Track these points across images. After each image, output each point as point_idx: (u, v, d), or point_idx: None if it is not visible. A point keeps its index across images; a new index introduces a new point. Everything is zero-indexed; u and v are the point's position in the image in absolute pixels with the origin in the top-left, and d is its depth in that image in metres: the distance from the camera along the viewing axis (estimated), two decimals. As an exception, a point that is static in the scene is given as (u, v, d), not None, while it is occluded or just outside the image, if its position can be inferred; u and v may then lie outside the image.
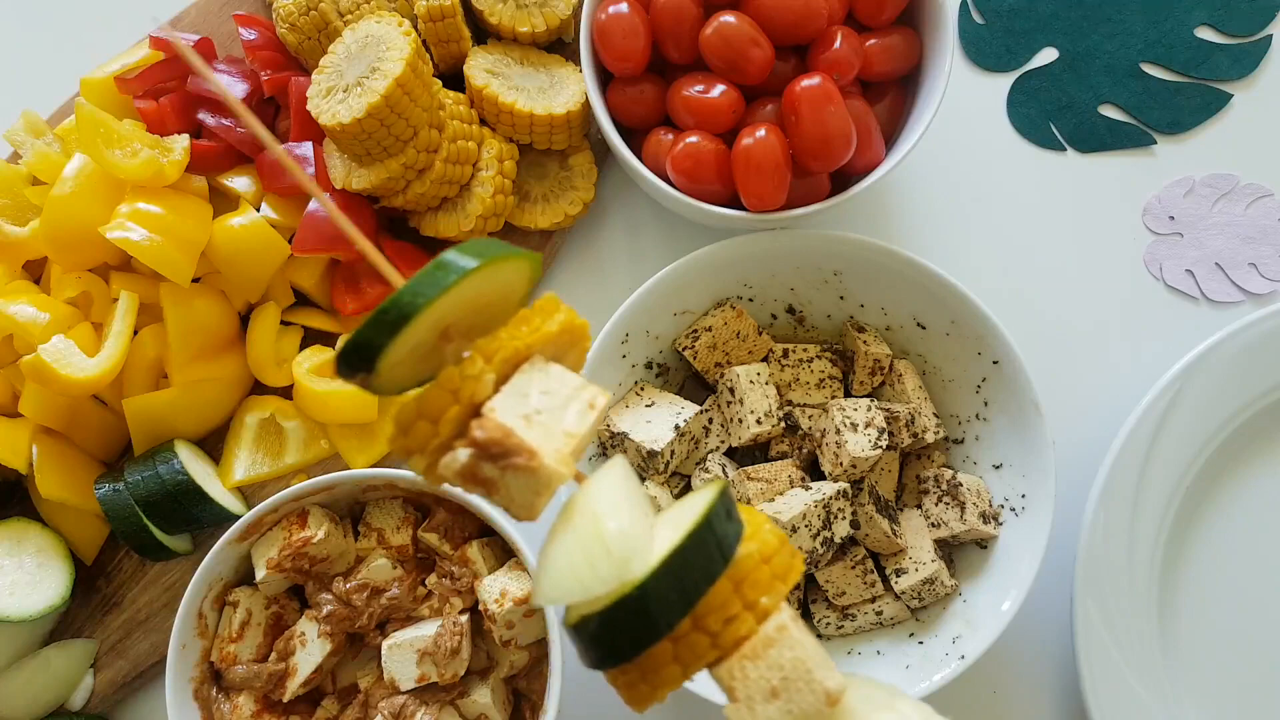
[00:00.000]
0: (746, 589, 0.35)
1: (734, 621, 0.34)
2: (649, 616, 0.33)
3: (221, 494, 0.70)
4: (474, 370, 0.34)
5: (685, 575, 0.33)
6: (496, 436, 0.33)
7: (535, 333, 0.36)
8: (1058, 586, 0.70)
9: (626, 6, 0.67)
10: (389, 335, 0.33)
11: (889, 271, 0.68)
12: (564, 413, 0.35)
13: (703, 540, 0.34)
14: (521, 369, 0.36)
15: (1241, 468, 0.74)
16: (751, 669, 0.34)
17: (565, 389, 0.36)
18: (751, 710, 0.34)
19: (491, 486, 0.34)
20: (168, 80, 0.76)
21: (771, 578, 0.35)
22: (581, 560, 0.33)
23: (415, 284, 0.34)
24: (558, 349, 0.38)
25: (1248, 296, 0.78)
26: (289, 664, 0.65)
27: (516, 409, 0.34)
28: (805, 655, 0.34)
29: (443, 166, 0.70)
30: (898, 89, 0.71)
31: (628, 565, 0.33)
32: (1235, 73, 0.81)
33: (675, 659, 0.34)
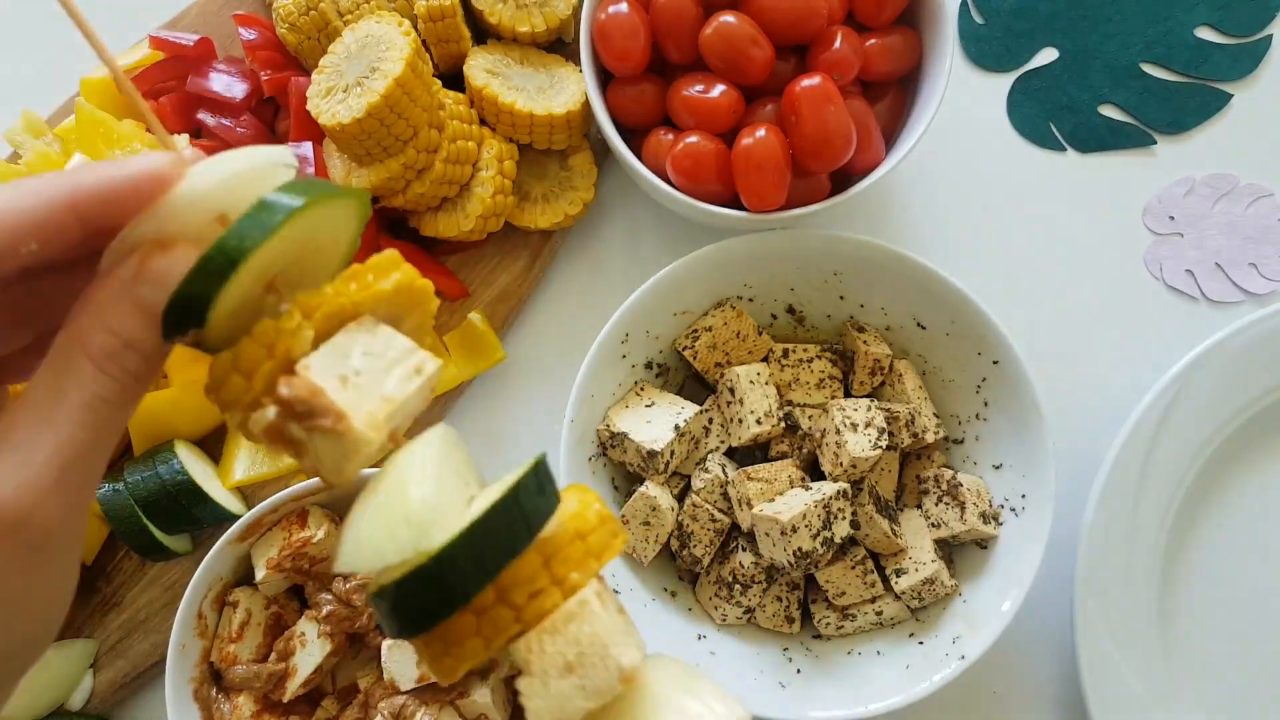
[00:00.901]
0: (556, 564, 0.34)
1: (540, 596, 0.33)
2: (445, 587, 0.32)
3: (221, 494, 0.70)
4: (290, 324, 0.32)
5: (486, 547, 0.32)
6: (303, 395, 0.31)
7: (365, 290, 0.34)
8: (1058, 586, 0.70)
9: (626, 6, 0.67)
10: (216, 284, 0.31)
11: (889, 271, 0.67)
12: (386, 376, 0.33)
13: (507, 512, 0.32)
14: (346, 328, 0.34)
15: (1242, 468, 0.74)
16: (549, 643, 0.33)
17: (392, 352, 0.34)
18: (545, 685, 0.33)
19: (300, 448, 0.32)
20: (168, 80, 0.76)
21: (585, 554, 0.34)
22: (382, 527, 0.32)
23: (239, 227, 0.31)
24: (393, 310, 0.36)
25: (1248, 296, 0.78)
26: (289, 664, 0.65)
27: (333, 368, 0.32)
28: (603, 630, 0.33)
29: (442, 166, 0.70)
30: (898, 89, 0.71)
31: (427, 534, 0.31)
32: (1235, 73, 0.81)
33: (478, 632, 0.33)
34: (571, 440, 0.65)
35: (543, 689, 0.33)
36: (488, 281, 0.77)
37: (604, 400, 0.69)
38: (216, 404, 0.34)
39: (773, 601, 0.68)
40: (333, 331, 0.33)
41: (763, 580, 0.67)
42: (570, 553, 0.34)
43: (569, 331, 0.78)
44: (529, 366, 0.78)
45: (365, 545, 0.32)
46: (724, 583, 0.68)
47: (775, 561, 0.64)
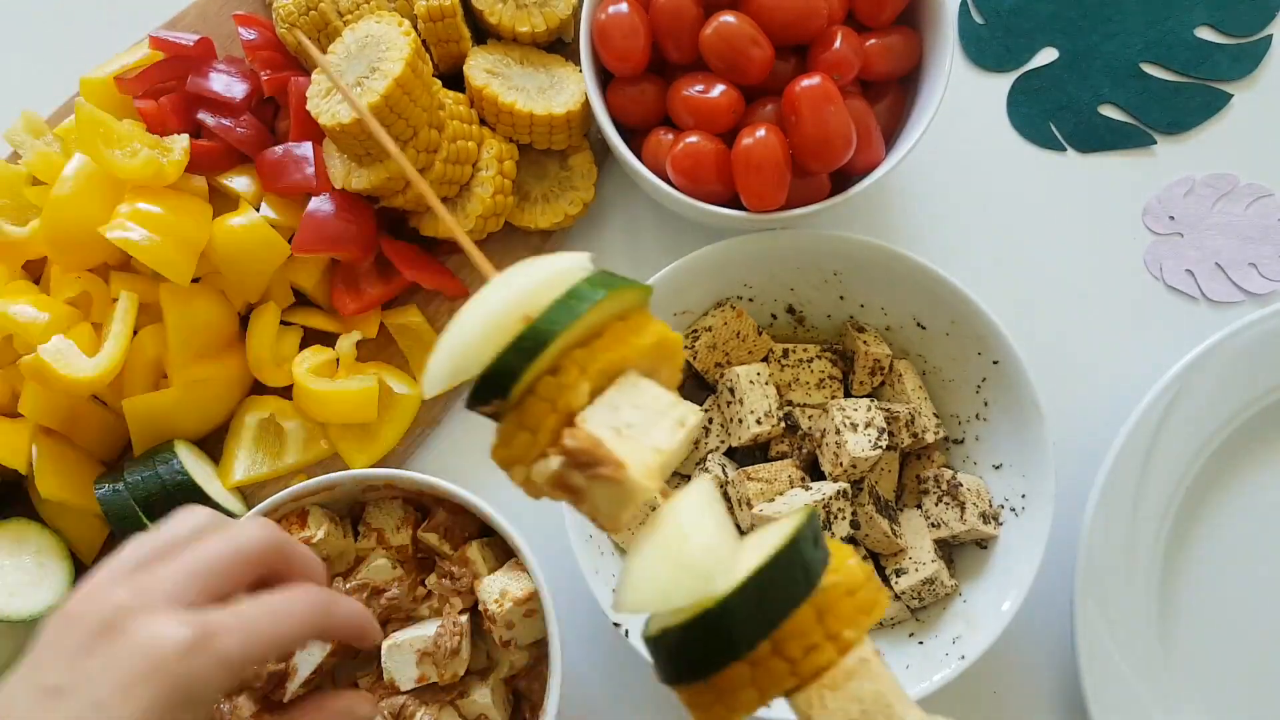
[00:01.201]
0: (830, 619, 0.34)
1: (815, 650, 0.34)
2: (729, 634, 0.33)
3: (221, 494, 0.70)
4: (570, 380, 0.35)
5: (768, 596, 0.33)
6: (586, 446, 0.34)
7: (629, 346, 0.37)
8: (1058, 586, 0.70)
9: (626, 6, 0.67)
10: (526, 361, 0.35)
11: (889, 271, 0.68)
12: (654, 428, 0.36)
13: (788, 562, 0.34)
14: (615, 383, 0.37)
15: (1242, 468, 0.74)
16: (831, 699, 0.34)
17: (657, 405, 0.37)
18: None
19: (579, 495, 0.35)
20: (168, 80, 0.76)
21: (855, 611, 0.35)
22: (665, 572, 0.33)
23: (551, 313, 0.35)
24: (651, 364, 0.39)
25: (1248, 296, 0.78)
26: (288, 664, 0.65)
27: (608, 421, 0.36)
28: (886, 689, 0.34)
29: (442, 166, 0.70)
30: (898, 89, 0.71)
31: (711, 580, 0.33)
32: (1235, 73, 0.81)
33: (753, 683, 0.34)
34: (571, 440, 0.65)
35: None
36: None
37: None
38: (501, 462, 0.37)
39: (773, 601, 0.68)
40: (604, 386, 0.37)
41: (763, 580, 0.67)
42: (842, 609, 0.35)
43: (569, 331, 0.78)
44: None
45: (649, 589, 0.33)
46: (724, 583, 0.68)
47: (775, 561, 0.64)
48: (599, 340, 0.37)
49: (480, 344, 0.36)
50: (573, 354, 0.36)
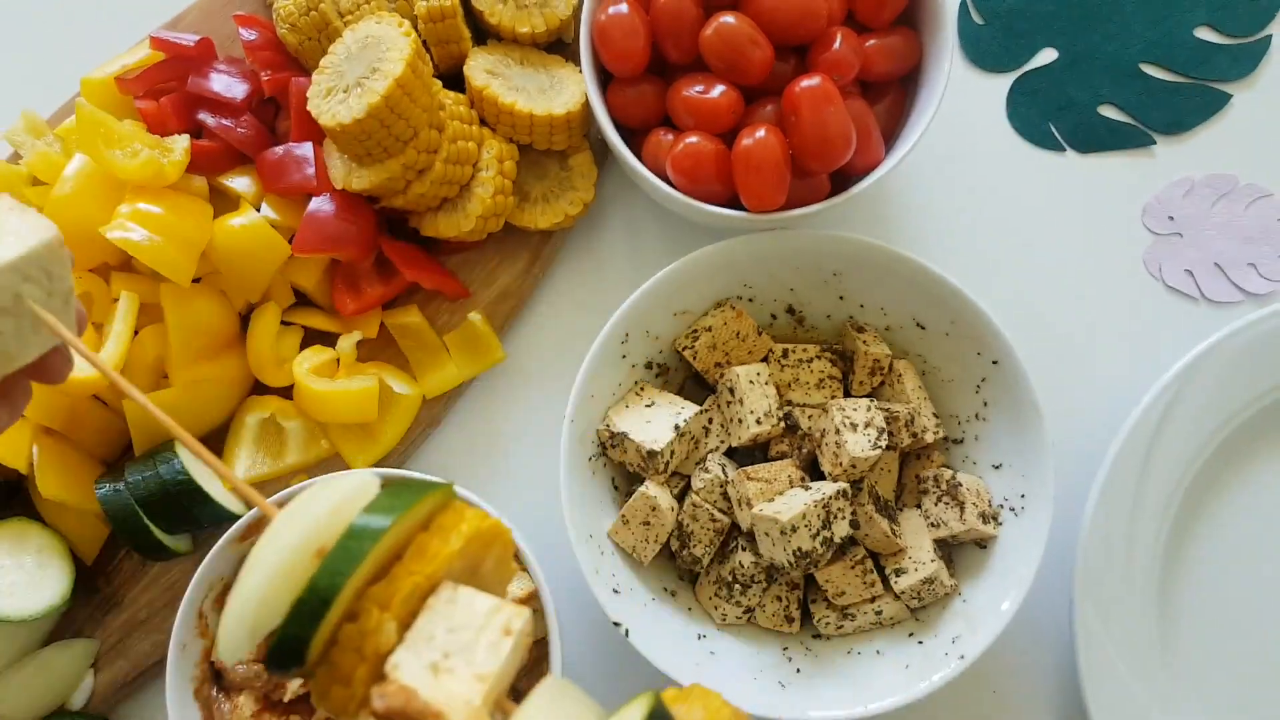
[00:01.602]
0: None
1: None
2: None
3: (222, 494, 0.70)
4: (371, 624, 0.33)
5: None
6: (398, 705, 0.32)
7: (435, 560, 0.34)
8: (1057, 586, 0.70)
9: (626, 7, 0.67)
10: (311, 626, 0.32)
11: (888, 272, 0.68)
12: (475, 649, 0.33)
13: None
14: (428, 604, 0.34)
15: (1241, 468, 0.74)
16: None
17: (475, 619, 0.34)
18: None
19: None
20: (168, 80, 0.76)
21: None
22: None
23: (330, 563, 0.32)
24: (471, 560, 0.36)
25: (1247, 296, 0.78)
26: (289, 664, 0.65)
27: (422, 657, 0.33)
28: None
29: (443, 167, 0.70)
30: (897, 89, 0.71)
31: None
32: (1235, 73, 0.81)
33: None
34: (571, 440, 0.65)
35: None
36: (488, 282, 0.77)
37: (604, 400, 0.69)
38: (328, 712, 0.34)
39: (772, 601, 0.68)
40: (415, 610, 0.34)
41: (762, 580, 0.67)
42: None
43: (569, 331, 0.78)
44: (529, 366, 0.78)
45: None
46: (724, 582, 0.68)
47: (775, 561, 0.64)
48: (399, 564, 0.34)
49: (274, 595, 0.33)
50: (369, 592, 0.33)
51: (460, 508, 0.36)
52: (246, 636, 0.32)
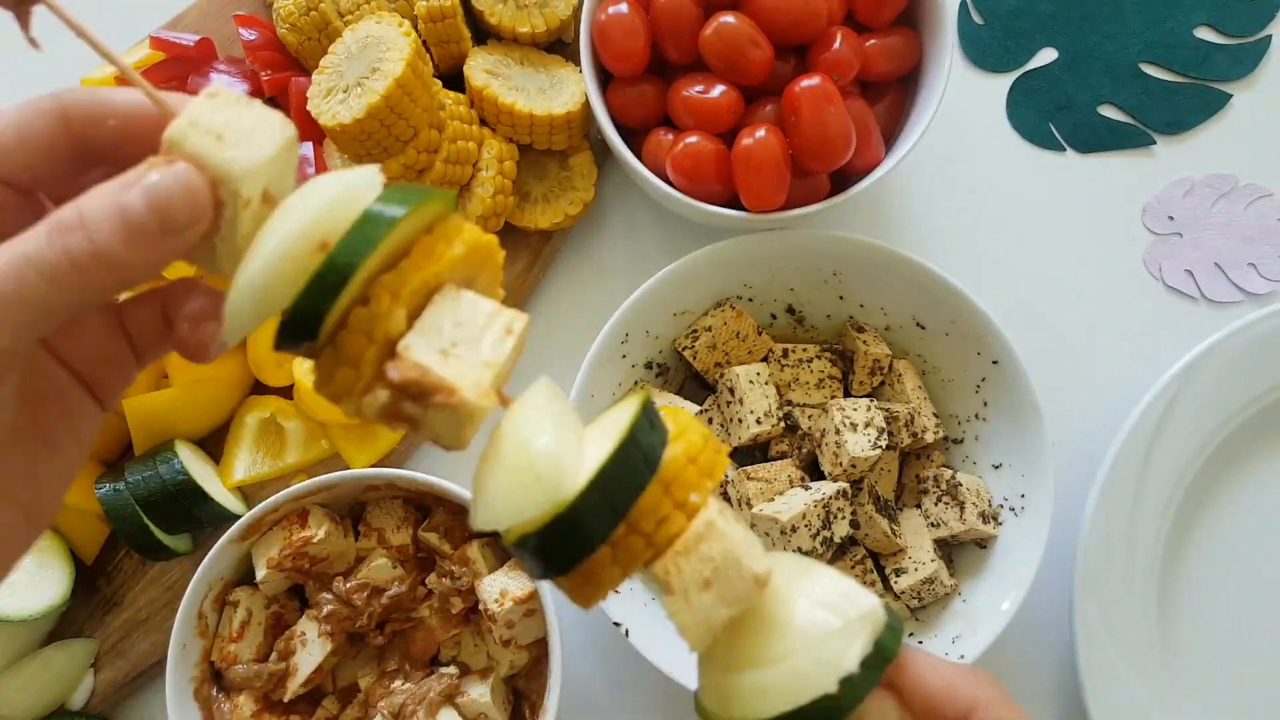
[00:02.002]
0: (675, 489, 0.36)
1: (666, 521, 0.36)
2: (583, 531, 0.34)
3: (222, 494, 0.70)
4: (382, 308, 0.33)
5: (614, 489, 0.34)
6: (413, 376, 0.33)
7: (441, 260, 0.35)
8: (1057, 586, 0.70)
9: (626, 7, 0.67)
10: (330, 300, 0.33)
11: (888, 271, 0.68)
12: (480, 342, 0.35)
13: (628, 454, 0.35)
14: (433, 300, 0.35)
15: (1241, 468, 0.74)
16: (685, 563, 0.35)
17: (480, 317, 0.35)
18: (688, 600, 0.35)
19: (416, 423, 0.34)
20: (168, 80, 0.76)
21: (699, 475, 0.37)
22: (513, 485, 0.34)
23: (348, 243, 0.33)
24: (467, 273, 0.37)
25: (1247, 296, 0.78)
26: (289, 664, 0.65)
27: (431, 344, 0.34)
28: (733, 546, 0.36)
29: (443, 167, 0.70)
30: (897, 89, 0.71)
31: (558, 486, 0.34)
32: (1235, 73, 0.81)
33: (614, 561, 0.36)
34: (571, 440, 0.65)
35: (686, 604, 0.35)
36: (488, 281, 0.77)
37: (604, 400, 0.69)
38: (328, 398, 0.35)
39: (772, 601, 0.68)
40: (421, 306, 0.35)
41: (762, 580, 0.67)
42: (686, 477, 0.36)
43: (569, 331, 0.78)
44: (529, 366, 0.78)
45: (502, 504, 0.34)
46: (724, 582, 0.68)
47: (775, 561, 0.64)
48: (406, 260, 0.35)
49: (278, 279, 0.33)
50: (381, 280, 0.34)
51: (458, 220, 0.37)
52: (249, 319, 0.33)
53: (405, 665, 0.67)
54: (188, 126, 0.34)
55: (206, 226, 0.33)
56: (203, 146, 0.33)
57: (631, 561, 0.36)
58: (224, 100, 0.35)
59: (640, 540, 0.35)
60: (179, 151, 0.33)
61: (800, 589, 0.37)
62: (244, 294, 0.33)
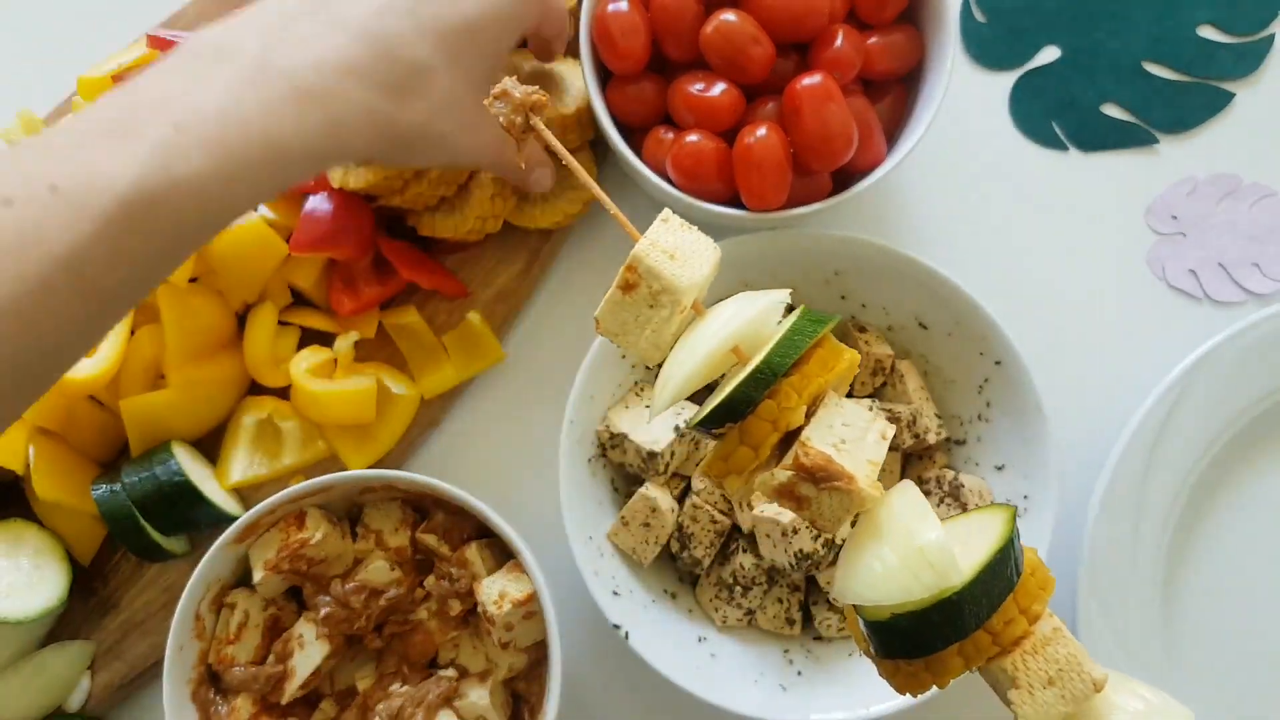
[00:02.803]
0: (1020, 596, 0.41)
1: (1012, 624, 0.40)
2: (961, 619, 0.39)
3: (219, 495, 0.70)
4: (790, 403, 0.41)
5: (991, 586, 0.39)
6: (820, 463, 0.39)
7: (831, 372, 0.42)
8: (1061, 588, 0.70)
9: (626, 4, 0.66)
10: (760, 391, 0.41)
11: (890, 271, 0.67)
12: (863, 442, 0.41)
13: (1005, 556, 0.39)
14: (824, 403, 0.42)
15: (1246, 468, 0.73)
16: (1033, 662, 0.40)
17: (861, 421, 0.42)
18: (1032, 695, 0.40)
19: (804, 503, 0.40)
20: (165, 79, 0.75)
21: (1038, 588, 0.41)
22: (902, 568, 0.39)
23: (780, 349, 0.41)
24: (843, 382, 0.44)
25: (1251, 297, 0.77)
26: (287, 666, 0.65)
27: (826, 438, 0.41)
28: (1076, 651, 0.40)
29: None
30: (899, 87, 0.71)
31: (946, 575, 0.38)
32: (1239, 71, 0.81)
33: (960, 653, 0.40)
34: (571, 441, 0.65)
35: (1030, 698, 0.40)
36: (487, 281, 0.77)
37: (604, 401, 0.68)
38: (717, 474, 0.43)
39: (774, 603, 0.68)
40: (815, 407, 0.42)
41: (764, 582, 0.67)
42: (1029, 587, 0.41)
43: (569, 331, 0.78)
44: (528, 367, 0.78)
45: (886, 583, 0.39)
46: (724, 584, 0.68)
47: (776, 563, 0.64)
48: (805, 366, 0.42)
49: (698, 373, 0.42)
50: (789, 380, 0.41)
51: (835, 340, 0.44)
52: (671, 399, 0.43)
53: (403, 668, 0.67)
54: (649, 245, 0.43)
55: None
56: (659, 263, 0.42)
57: (977, 656, 0.40)
58: (673, 225, 0.44)
59: (988, 638, 0.40)
60: (641, 264, 0.42)
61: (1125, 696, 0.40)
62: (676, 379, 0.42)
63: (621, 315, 0.44)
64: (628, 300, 0.43)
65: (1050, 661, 0.40)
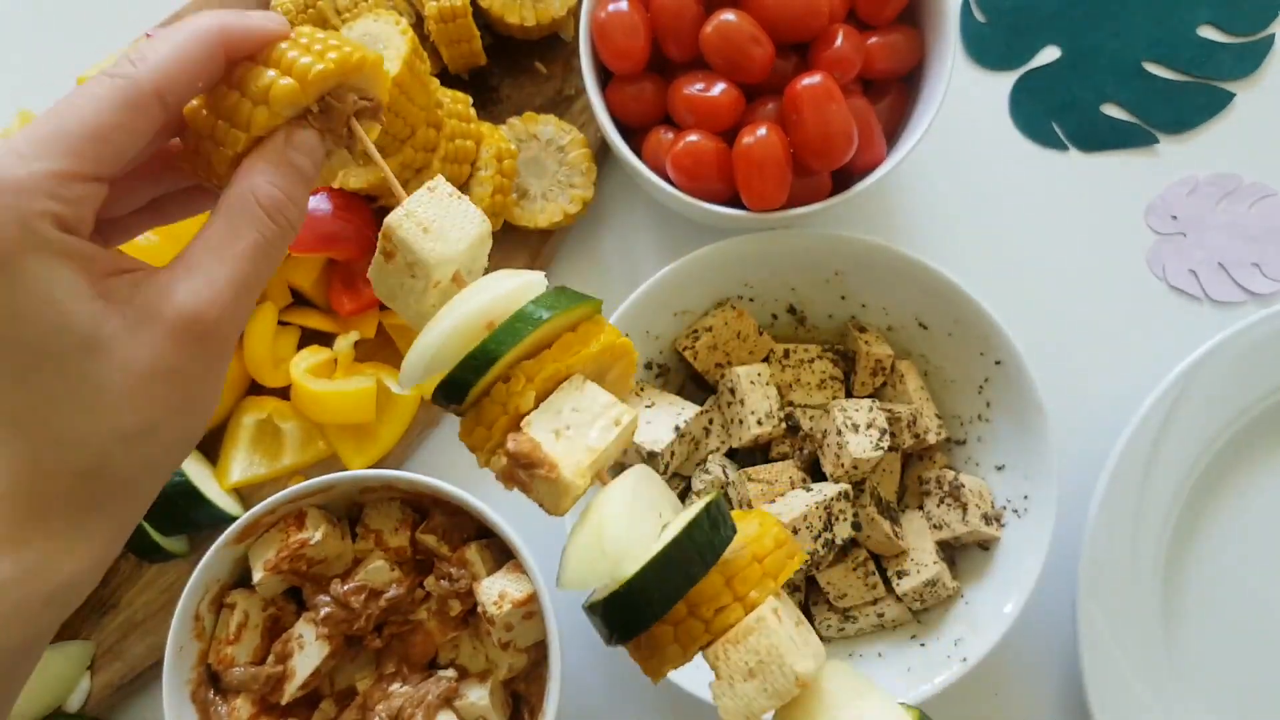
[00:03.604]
0: (737, 583, 0.40)
1: (724, 611, 0.40)
2: (637, 608, 0.39)
3: (218, 495, 0.70)
4: (517, 388, 0.41)
5: (667, 576, 0.39)
6: (525, 449, 0.40)
7: (575, 356, 0.42)
8: (1061, 588, 0.70)
9: (626, 4, 0.66)
10: (476, 375, 0.41)
11: (891, 271, 0.67)
12: (590, 429, 0.41)
13: (681, 548, 0.39)
14: (561, 387, 0.42)
15: (1245, 468, 0.73)
16: (733, 652, 0.39)
17: (595, 407, 0.42)
18: (732, 687, 0.39)
19: (526, 487, 0.41)
20: (165, 79, 0.75)
21: (762, 575, 0.41)
22: (585, 559, 0.39)
23: (499, 334, 0.41)
24: (599, 367, 0.44)
25: (1251, 297, 0.77)
26: (287, 666, 0.65)
27: (549, 424, 0.41)
28: (779, 642, 0.39)
29: (441, 165, 0.70)
30: (899, 88, 0.71)
31: (619, 565, 0.39)
32: (1238, 71, 0.81)
33: (675, 640, 0.40)
34: (571, 441, 0.65)
35: (730, 690, 0.39)
36: (487, 281, 0.76)
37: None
38: (466, 445, 0.43)
39: (773, 603, 0.68)
40: (551, 390, 0.42)
41: (763, 582, 0.67)
42: (749, 574, 0.41)
43: (568, 331, 0.77)
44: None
45: (574, 573, 0.40)
46: (724, 584, 0.68)
47: (776, 563, 0.64)
48: (548, 350, 0.42)
49: (449, 347, 0.41)
50: (522, 365, 0.41)
51: (601, 321, 0.44)
52: (421, 372, 0.42)
53: (403, 668, 0.67)
54: (404, 216, 0.42)
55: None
56: (412, 235, 0.42)
57: (691, 643, 0.40)
58: (439, 195, 0.43)
59: (699, 625, 0.40)
60: (394, 234, 0.42)
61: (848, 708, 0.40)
62: (420, 353, 0.41)
63: (388, 282, 0.44)
64: (390, 268, 0.43)
65: (751, 652, 0.39)
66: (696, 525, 0.40)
